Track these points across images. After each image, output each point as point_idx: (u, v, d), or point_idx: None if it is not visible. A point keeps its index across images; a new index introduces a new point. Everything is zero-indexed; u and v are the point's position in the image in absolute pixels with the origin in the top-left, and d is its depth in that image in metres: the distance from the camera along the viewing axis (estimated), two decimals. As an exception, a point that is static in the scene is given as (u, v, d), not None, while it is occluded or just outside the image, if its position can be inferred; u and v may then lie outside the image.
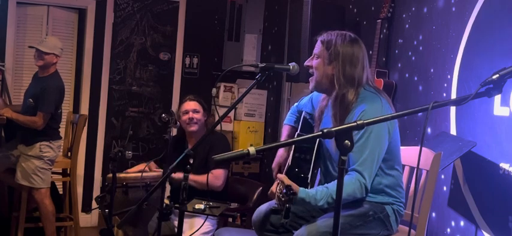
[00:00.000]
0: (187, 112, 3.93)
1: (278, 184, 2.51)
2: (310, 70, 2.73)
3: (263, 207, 2.86)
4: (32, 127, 4.45)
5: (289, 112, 3.10)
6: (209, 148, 3.76)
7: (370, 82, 2.70)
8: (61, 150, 4.72)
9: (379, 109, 2.55)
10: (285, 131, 3.05)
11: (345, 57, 2.62)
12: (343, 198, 2.44)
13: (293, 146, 2.77)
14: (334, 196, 2.46)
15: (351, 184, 2.50)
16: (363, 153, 2.50)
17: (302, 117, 2.95)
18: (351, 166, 2.54)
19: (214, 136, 3.85)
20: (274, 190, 2.62)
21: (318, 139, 2.68)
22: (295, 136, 2.93)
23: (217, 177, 3.79)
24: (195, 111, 3.92)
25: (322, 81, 2.68)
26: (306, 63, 2.75)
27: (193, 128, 3.89)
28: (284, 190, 2.36)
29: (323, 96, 2.80)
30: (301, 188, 2.49)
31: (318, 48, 2.70)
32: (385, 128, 2.56)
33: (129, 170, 4.04)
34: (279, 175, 2.51)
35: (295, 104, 3.08)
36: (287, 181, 2.43)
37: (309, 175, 2.67)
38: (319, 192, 2.48)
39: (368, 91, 2.64)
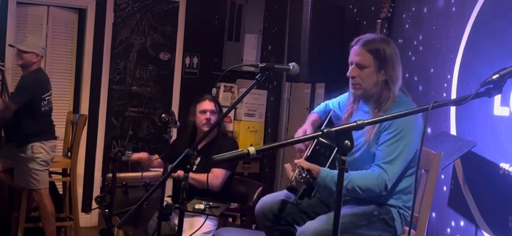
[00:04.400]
0: (205, 112, 3.92)
1: (296, 166, 2.56)
2: (355, 80, 2.68)
3: (267, 198, 2.89)
4: (2, 113, 4.41)
5: (320, 105, 3.11)
6: (218, 150, 3.75)
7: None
8: (56, 151, 4.68)
9: (414, 121, 2.58)
10: (310, 117, 3.04)
11: (394, 59, 2.66)
12: (359, 186, 2.51)
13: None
14: (354, 184, 2.51)
15: (372, 177, 2.52)
16: (393, 152, 2.53)
17: (329, 115, 2.97)
18: (376, 161, 2.56)
19: (225, 138, 3.88)
20: (290, 170, 2.63)
21: None
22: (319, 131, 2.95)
23: (216, 176, 3.78)
24: (212, 112, 3.92)
25: (373, 89, 2.67)
26: (351, 74, 2.68)
27: (209, 128, 3.88)
28: (304, 173, 2.43)
29: (352, 98, 2.80)
30: (323, 168, 2.53)
31: (362, 57, 2.65)
32: (419, 135, 2.58)
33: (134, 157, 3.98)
34: (298, 161, 2.56)
35: (327, 101, 3.09)
36: (307, 165, 2.49)
37: None
38: None
39: (403, 94, 2.69)
